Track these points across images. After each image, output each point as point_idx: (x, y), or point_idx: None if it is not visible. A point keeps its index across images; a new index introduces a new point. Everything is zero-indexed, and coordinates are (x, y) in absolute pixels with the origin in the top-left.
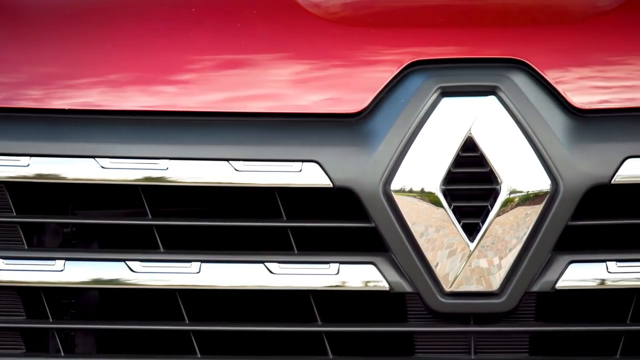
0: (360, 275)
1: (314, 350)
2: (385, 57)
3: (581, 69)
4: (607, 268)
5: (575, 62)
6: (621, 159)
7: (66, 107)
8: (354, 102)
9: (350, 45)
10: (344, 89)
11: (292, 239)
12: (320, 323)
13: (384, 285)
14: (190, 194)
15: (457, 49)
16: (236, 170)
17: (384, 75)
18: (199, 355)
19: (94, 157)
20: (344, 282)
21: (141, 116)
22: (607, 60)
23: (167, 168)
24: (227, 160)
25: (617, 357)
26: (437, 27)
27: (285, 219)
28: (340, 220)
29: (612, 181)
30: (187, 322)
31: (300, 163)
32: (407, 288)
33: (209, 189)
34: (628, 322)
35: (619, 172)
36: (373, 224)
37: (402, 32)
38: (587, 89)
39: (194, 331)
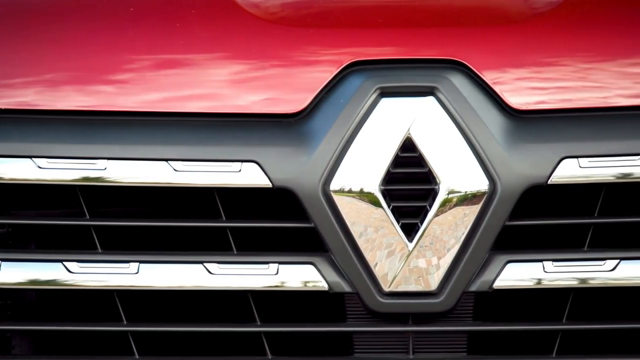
0: (299, 276)
1: (254, 350)
2: (324, 58)
3: (518, 70)
4: (544, 268)
5: (513, 63)
6: (557, 159)
7: (2, 107)
8: (294, 102)
9: (289, 46)
10: (283, 89)
11: (231, 239)
12: (259, 323)
13: (323, 285)
14: (131, 195)
15: (396, 50)
16: (175, 170)
17: (324, 75)
18: (137, 356)
19: (30, 157)
20: (283, 282)
21: (79, 116)
22: (543, 62)
23: (105, 168)
24: (166, 160)
25: (553, 356)
26: (376, 27)
27: (224, 219)
28: (280, 220)
29: (549, 181)
30: (125, 322)
31: (240, 163)
32: (346, 288)
33: (149, 189)
34: (564, 321)
35: (555, 173)
36: (312, 224)
37: (341, 33)
38: (524, 89)
39: (132, 332)
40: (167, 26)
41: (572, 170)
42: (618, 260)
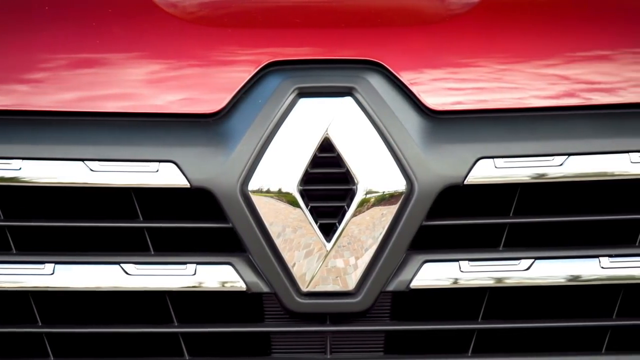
0: (217, 276)
1: (173, 351)
2: (242, 58)
3: (435, 71)
4: (460, 267)
5: (430, 64)
6: (474, 160)
7: None
8: (212, 102)
9: (207, 45)
10: (201, 89)
11: (148, 240)
12: (176, 324)
13: (240, 285)
14: (48, 195)
15: (314, 50)
16: (92, 170)
17: (242, 75)
18: (52, 358)
19: None
20: (200, 283)
21: None
22: (460, 63)
23: (20, 168)
24: (82, 160)
25: (469, 354)
26: (295, 28)
27: (141, 219)
28: (198, 220)
29: (465, 182)
30: (40, 324)
31: (157, 163)
32: (264, 288)
33: (65, 189)
34: (479, 320)
35: (471, 173)
36: (230, 225)
37: (259, 33)
38: (440, 90)
39: (46, 333)
40: (83, 25)
41: (488, 171)
42: (532, 260)
